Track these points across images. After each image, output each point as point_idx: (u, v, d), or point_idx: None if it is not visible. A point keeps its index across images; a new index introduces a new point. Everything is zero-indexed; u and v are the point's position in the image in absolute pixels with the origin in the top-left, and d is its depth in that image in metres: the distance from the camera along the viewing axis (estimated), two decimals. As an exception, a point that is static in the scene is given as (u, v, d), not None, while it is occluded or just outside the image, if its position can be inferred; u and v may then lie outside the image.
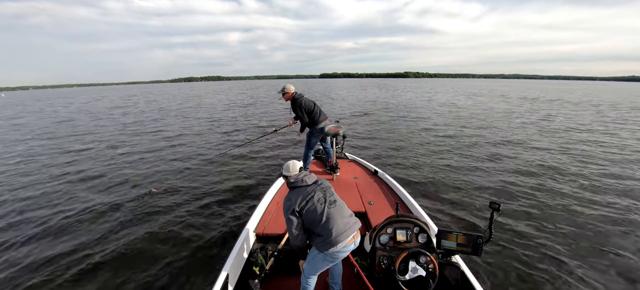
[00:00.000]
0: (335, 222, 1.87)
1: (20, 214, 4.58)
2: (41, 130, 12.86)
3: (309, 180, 2.04)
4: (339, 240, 1.85)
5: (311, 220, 1.91)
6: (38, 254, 3.54)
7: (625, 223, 4.13)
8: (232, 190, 5.35)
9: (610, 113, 16.35)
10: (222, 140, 9.94)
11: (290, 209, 1.94)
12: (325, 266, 1.99)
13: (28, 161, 7.68)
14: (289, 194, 2.04)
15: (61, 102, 32.38)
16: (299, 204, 1.93)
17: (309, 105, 4.21)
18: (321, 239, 1.88)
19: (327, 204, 1.93)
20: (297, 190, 2.02)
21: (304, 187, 2.01)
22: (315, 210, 1.90)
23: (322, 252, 1.90)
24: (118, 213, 4.55)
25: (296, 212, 1.93)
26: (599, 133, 10.54)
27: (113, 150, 8.72)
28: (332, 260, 1.96)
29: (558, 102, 22.73)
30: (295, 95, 4.22)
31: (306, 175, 2.07)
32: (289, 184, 2.08)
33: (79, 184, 5.90)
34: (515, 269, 3.16)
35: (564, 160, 7.13)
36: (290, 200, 1.98)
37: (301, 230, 1.97)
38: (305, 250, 2.08)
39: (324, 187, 2.04)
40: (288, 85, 4.27)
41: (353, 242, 1.95)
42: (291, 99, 4.24)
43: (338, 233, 1.85)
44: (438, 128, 11.54)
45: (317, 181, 2.08)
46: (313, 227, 1.93)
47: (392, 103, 21.80)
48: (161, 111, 19.09)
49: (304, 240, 2.01)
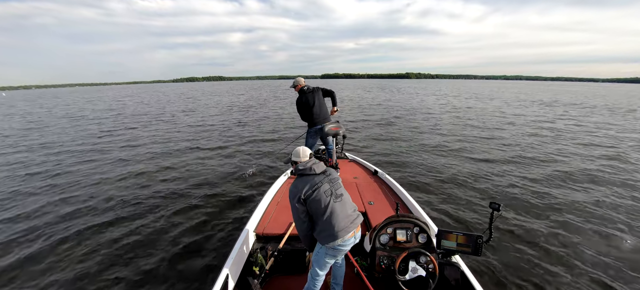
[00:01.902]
0: (337, 217, 1.87)
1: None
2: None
3: (317, 168, 1.98)
4: (340, 235, 1.85)
5: (315, 211, 1.90)
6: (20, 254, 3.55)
7: (626, 222, 4.12)
8: (232, 190, 5.36)
9: (614, 114, 16.33)
10: (222, 140, 9.94)
11: (296, 196, 1.91)
12: (330, 260, 1.98)
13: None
14: (296, 181, 1.99)
15: (48, 104, 31.49)
16: (305, 192, 1.89)
17: (307, 104, 4.18)
18: (322, 232, 1.88)
19: (333, 197, 1.91)
20: (304, 178, 1.97)
21: (312, 176, 1.96)
22: (320, 202, 1.88)
23: (324, 245, 1.91)
24: (118, 213, 4.56)
25: (302, 200, 1.90)
26: (598, 134, 10.53)
27: (120, 149, 8.74)
28: (334, 254, 1.95)
29: (556, 103, 22.68)
30: (302, 89, 4.24)
31: (315, 163, 2.01)
32: (296, 170, 2.02)
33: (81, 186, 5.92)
34: (516, 269, 3.16)
35: (564, 160, 7.12)
36: (297, 187, 1.93)
37: (307, 218, 1.95)
38: (311, 239, 2.04)
39: (332, 179, 2.00)
40: (299, 78, 4.33)
41: (353, 237, 1.95)
42: (298, 92, 4.28)
43: (339, 228, 1.85)
44: (438, 128, 11.53)
45: (326, 171, 2.03)
46: (316, 218, 1.92)
47: (395, 105, 21.76)
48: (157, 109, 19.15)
49: (310, 229, 1.99)
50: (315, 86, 4.30)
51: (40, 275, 3.19)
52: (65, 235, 3.94)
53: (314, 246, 2.05)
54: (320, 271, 2.01)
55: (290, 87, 4.38)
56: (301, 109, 4.20)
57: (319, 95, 4.26)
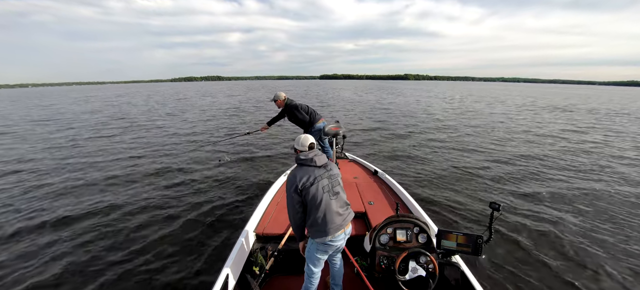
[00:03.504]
0: (330, 214, 1.88)
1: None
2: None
3: (318, 161, 1.94)
4: (330, 232, 1.87)
5: (309, 204, 1.89)
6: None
7: (626, 223, 4.14)
8: (232, 190, 5.35)
9: (616, 116, 16.39)
10: (222, 140, 9.92)
11: (293, 186, 1.88)
12: (321, 256, 1.98)
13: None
14: (295, 170, 1.96)
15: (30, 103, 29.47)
16: (303, 183, 1.86)
17: (304, 108, 4.35)
18: (314, 226, 1.89)
19: (329, 193, 1.91)
20: (304, 168, 1.93)
21: (312, 168, 1.93)
22: (315, 197, 1.86)
23: (315, 240, 1.92)
24: (117, 213, 4.55)
25: (298, 191, 1.87)
26: (597, 134, 10.56)
27: (122, 147, 8.71)
28: (325, 249, 1.95)
29: (550, 107, 22.75)
30: (287, 102, 4.36)
31: (317, 154, 1.97)
32: (297, 159, 1.98)
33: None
34: (516, 269, 3.17)
35: (564, 161, 7.14)
36: (295, 177, 1.90)
37: (301, 209, 1.92)
38: (303, 230, 2.03)
39: (331, 175, 1.97)
40: (279, 92, 4.46)
41: (343, 233, 1.96)
42: (284, 106, 4.37)
43: (331, 226, 1.87)
44: (438, 128, 11.55)
45: (327, 165, 1.99)
46: (309, 211, 1.91)
47: (395, 105, 21.76)
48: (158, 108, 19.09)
49: (303, 220, 1.97)
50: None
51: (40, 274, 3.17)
52: (59, 235, 3.93)
53: (304, 237, 2.06)
54: (314, 268, 2.02)
55: (270, 101, 4.53)
56: (296, 117, 4.33)
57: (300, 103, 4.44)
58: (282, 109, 4.43)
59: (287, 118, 4.46)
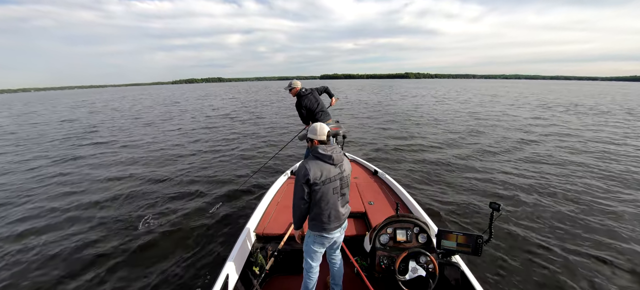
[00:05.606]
0: (335, 213, 1.92)
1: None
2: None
3: (335, 159, 1.86)
4: (329, 228, 1.92)
5: (316, 199, 1.86)
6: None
7: (627, 223, 4.12)
8: (232, 190, 5.36)
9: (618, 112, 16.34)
10: (222, 140, 9.94)
11: (305, 177, 1.80)
12: (318, 248, 2.02)
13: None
14: (310, 162, 1.84)
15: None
16: (315, 179, 1.80)
17: (311, 105, 4.10)
18: (315, 220, 1.92)
19: (338, 195, 1.93)
20: (320, 163, 1.84)
21: (329, 166, 1.85)
22: (324, 196, 1.85)
23: (313, 232, 1.96)
24: (117, 213, 4.56)
25: (309, 184, 1.81)
26: (595, 133, 10.52)
27: (123, 146, 8.73)
28: (322, 242, 2.00)
29: (548, 105, 22.69)
30: (300, 92, 4.11)
31: (334, 150, 1.88)
32: (314, 151, 1.88)
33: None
34: (516, 269, 3.16)
35: (565, 161, 7.12)
36: (308, 169, 1.80)
37: (308, 201, 1.87)
38: (303, 222, 2.01)
39: (343, 177, 1.93)
40: (295, 81, 4.20)
41: (340, 228, 2.02)
42: (296, 95, 4.15)
43: (332, 223, 1.92)
44: (438, 128, 11.53)
45: (342, 164, 1.93)
46: (313, 204, 1.90)
47: (396, 106, 21.74)
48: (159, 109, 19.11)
49: (305, 215, 1.96)
50: (310, 87, 4.26)
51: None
52: (62, 245, 3.94)
53: (301, 227, 2.07)
54: (312, 262, 2.04)
55: (285, 89, 4.25)
56: (305, 112, 4.13)
57: (317, 96, 4.21)
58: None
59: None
